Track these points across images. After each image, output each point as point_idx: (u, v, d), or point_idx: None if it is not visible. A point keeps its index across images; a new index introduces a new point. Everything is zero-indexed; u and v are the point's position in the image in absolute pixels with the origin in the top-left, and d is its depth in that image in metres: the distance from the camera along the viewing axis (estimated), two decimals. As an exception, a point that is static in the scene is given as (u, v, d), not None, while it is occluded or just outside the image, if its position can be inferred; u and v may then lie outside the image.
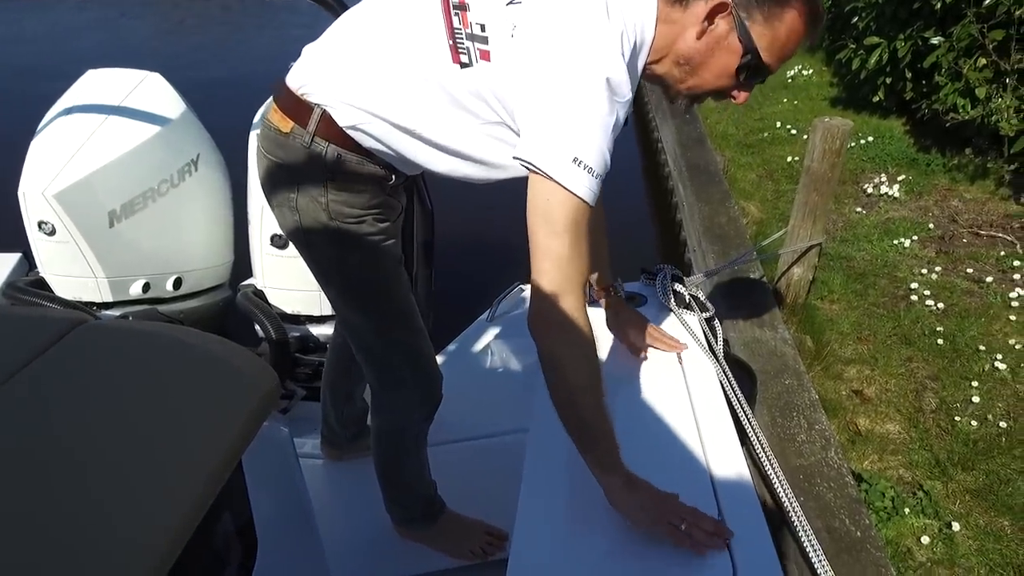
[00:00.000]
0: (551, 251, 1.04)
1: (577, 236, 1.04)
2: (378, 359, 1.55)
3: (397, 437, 1.65)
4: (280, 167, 1.31)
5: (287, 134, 1.27)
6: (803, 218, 3.09)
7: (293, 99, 1.26)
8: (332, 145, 1.26)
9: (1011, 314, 3.29)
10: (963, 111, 4.42)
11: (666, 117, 5.56)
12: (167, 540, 0.69)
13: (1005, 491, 2.39)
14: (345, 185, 1.30)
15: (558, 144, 1.01)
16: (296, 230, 1.37)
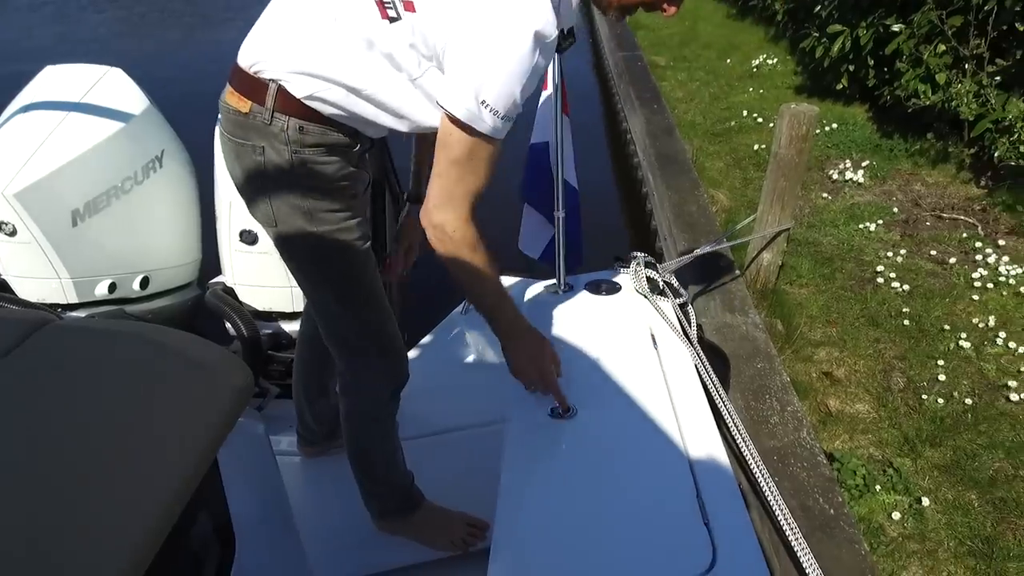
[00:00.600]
0: (443, 173, 1.22)
1: (471, 162, 1.20)
2: (345, 337, 1.56)
3: (366, 417, 1.65)
4: (244, 147, 1.32)
5: (247, 114, 1.28)
6: (771, 204, 3.13)
7: (247, 78, 1.28)
8: (292, 118, 1.28)
9: (974, 294, 3.37)
10: (924, 97, 4.51)
11: (635, 108, 5.59)
12: (141, 541, 0.68)
13: (972, 465, 2.45)
14: (311, 157, 1.32)
15: (470, 84, 1.13)
16: (264, 208, 1.38)
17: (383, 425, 1.67)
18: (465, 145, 1.18)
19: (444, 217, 1.25)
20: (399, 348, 1.61)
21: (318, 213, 1.37)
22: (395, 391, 1.65)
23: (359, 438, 1.69)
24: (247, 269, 2.28)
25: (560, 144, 1.90)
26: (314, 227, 1.38)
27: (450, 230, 1.25)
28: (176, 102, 2.56)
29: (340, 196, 1.39)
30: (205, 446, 0.85)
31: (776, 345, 2.88)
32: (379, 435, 1.68)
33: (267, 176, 1.33)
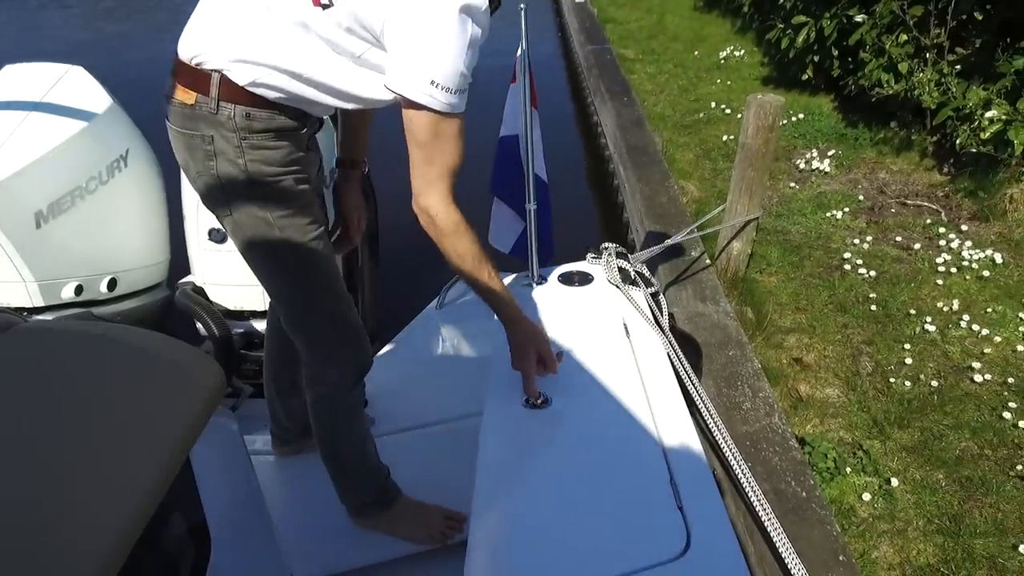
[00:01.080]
0: (416, 157, 1.27)
1: (437, 142, 1.24)
2: (304, 325, 1.56)
3: (332, 405, 1.65)
4: (193, 138, 1.33)
5: (193, 105, 1.29)
6: (740, 193, 3.17)
7: (189, 71, 1.29)
8: (238, 105, 1.29)
9: (938, 278, 3.44)
10: (887, 86, 4.59)
11: (605, 101, 5.61)
12: (114, 543, 0.67)
13: (939, 446, 2.51)
14: (260, 143, 1.33)
15: (417, 69, 1.17)
16: (218, 198, 1.39)
17: (350, 413, 1.67)
18: (428, 126, 1.22)
19: (427, 202, 1.30)
20: (359, 335, 1.62)
21: (269, 200, 1.38)
22: (357, 377, 1.65)
23: (326, 427, 1.69)
24: (217, 268, 2.26)
25: (529, 137, 1.91)
26: (267, 213, 1.39)
27: (434, 214, 1.30)
28: (140, 100, 2.50)
29: (292, 181, 1.40)
30: (177, 446, 0.84)
31: (747, 332, 2.92)
32: (346, 423, 1.68)
33: (218, 165, 1.34)
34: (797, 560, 1.42)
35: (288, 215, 1.41)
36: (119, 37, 9.08)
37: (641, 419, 1.34)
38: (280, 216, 1.40)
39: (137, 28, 9.57)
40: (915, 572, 2.09)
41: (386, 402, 2.28)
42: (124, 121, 2.40)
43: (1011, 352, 2.94)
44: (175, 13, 9.86)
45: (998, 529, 2.20)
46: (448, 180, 1.30)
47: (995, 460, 2.45)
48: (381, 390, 2.34)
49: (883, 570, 2.10)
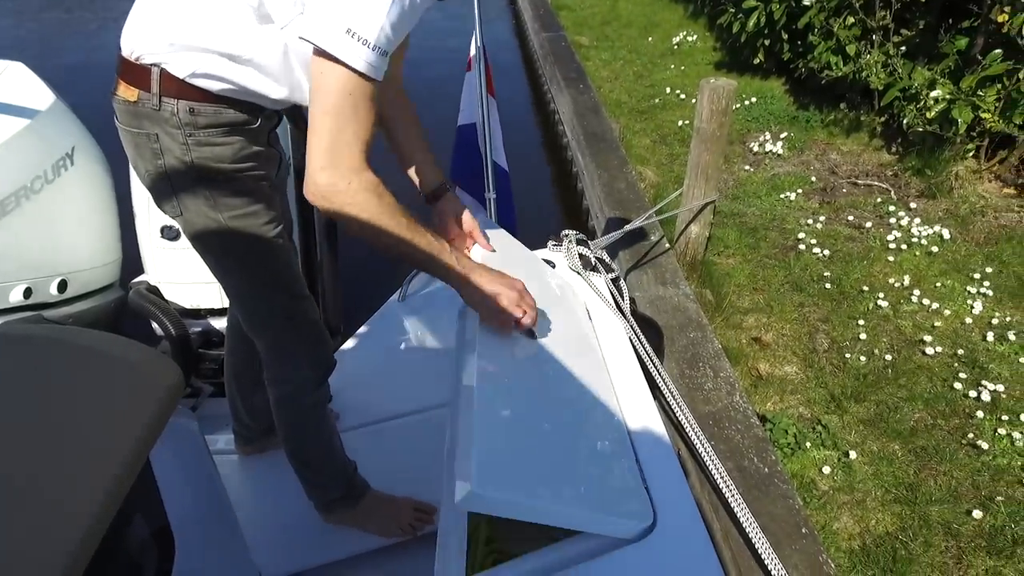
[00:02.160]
0: (319, 128, 1.06)
1: (352, 110, 1.06)
2: (263, 325, 1.53)
3: (294, 405, 1.63)
4: (139, 136, 1.29)
5: (136, 102, 1.25)
6: (696, 177, 3.20)
7: (130, 66, 1.25)
8: (181, 100, 1.24)
9: (889, 255, 3.54)
10: (836, 68, 4.68)
11: (561, 88, 5.62)
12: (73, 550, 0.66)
13: (894, 418, 2.59)
14: (207, 139, 1.28)
15: (333, 15, 1.01)
16: (168, 197, 1.34)
17: (313, 412, 1.65)
18: (339, 86, 1.04)
19: (330, 177, 1.08)
20: (320, 335, 1.59)
21: (220, 198, 1.33)
22: (321, 377, 1.63)
23: (291, 427, 1.67)
24: (171, 266, 2.21)
25: (487, 125, 1.90)
26: (217, 213, 1.34)
27: (342, 183, 1.08)
28: (86, 96, 2.43)
29: (244, 179, 1.35)
30: (135, 448, 0.82)
31: (707, 314, 2.96)
32: (311, 422, 1.66)
33: (166, 164, 1.29)
34: (761, 534, 1.45)
35: (242, 215, 1.36)
36: (60, 31, 8.78)
37: (606, 403, 1.35)
38: (233, 216, 1.35)
39: (80, 22, 9.27)
40: (875, 541, 2.15)
41: (351, 396, 2.26)
42: (69, 118, 2.32)
43: (960, 324, 3.04)
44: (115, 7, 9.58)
45: (952, 496, 2.28)
46: (359, 150, 1.10)
47: (947, 429, 2.53)
48: (346, 384, 2.32)
49: (844, 540, 2.16)
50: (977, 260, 3.46)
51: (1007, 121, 3.68)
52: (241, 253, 1.41)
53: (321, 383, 1.64)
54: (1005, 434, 2.47)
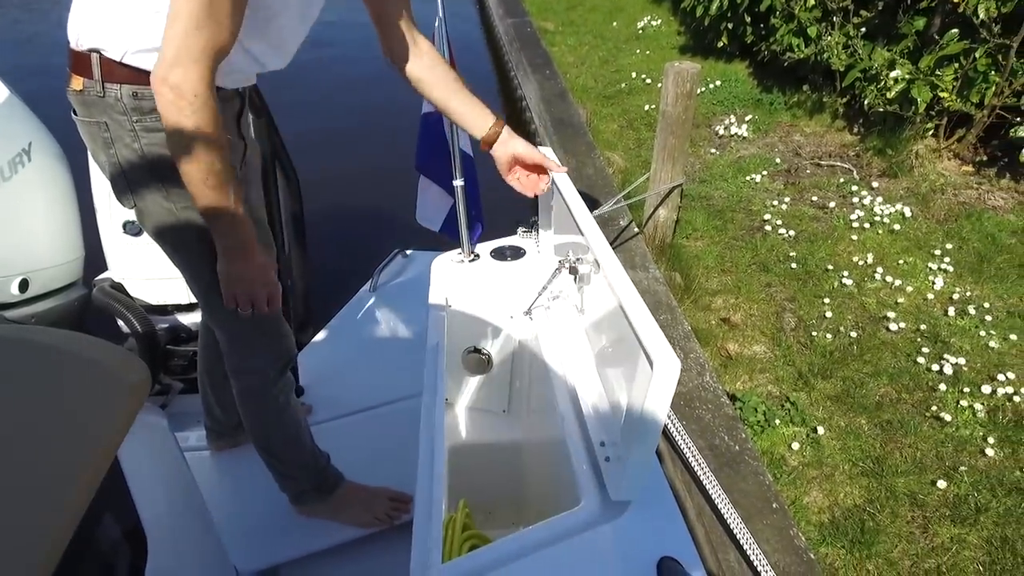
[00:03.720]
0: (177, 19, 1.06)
1: (212, 8, 1.05)
2: (222, 316, 1.50)
3: (256, 396, 1.62)
4: (91, 125, 1.27)
5: (82, 91, 1.24)
6: (663, 161, 3.23)
7: (73, 55, 1.24)
8: (124, 85, 1.22)
9: (852, 234, 3.60)
10: (798, 51, 4.74)
11: (528, 75, 5.60)
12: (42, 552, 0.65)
13: (860, 393, 2.65)
14: (154, 124, 1.24)
15: None
16: (122, 187, 1.32)
17: (276, 403, 1.63)
18: None
19: (182, 75, 1.07)
20: (280, 326, 1.58)
21: (172, 188, 1.29)
22: (282, 368, 1.62)
23: (255, 418, 1.65)
24: (135, 262, 2.17)
25: (453, 112, 1.89)
26: (171, 203, 1.31)
27: (188, 91, 1.08)
28: (42, 91, 2.37)
29: None
30: (102, 448, 0.81)
31: (676, 296, 2.99)
32: (274, 414, 1.64)
33: (117, 153, 1.28)
34: (733, 511, 1.48)
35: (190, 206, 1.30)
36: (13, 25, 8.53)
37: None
38: (185, 206, 1.31)
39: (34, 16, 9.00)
40: (843, 513, 2.20)
41: (324, 389, 2.25)
42: (24, 113, 2.26)
43: (922, 300, 3.11)
44: None
45: (917, 467, 2.34)
46: (213, 56, 1.10)
47: (912, 403, 2.60)
48: (318, 377, 2.30)
49: (814, 514, 2.21)
50: (938, 237, 3.53)
51: (965, 100, 3.75)
52: (192, 242, 1.37)
53: (282, 374, 1.62)
54: (967, 406, 2.54)
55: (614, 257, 1.14)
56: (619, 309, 1.04)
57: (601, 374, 1.33)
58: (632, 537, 1.03)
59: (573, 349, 1.43)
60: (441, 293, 1.68)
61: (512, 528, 1.39)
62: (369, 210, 3.84)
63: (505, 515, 1.63)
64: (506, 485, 1.69)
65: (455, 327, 1.66)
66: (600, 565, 1.00)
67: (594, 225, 1.26)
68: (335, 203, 3.76)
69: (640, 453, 1.01)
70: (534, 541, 1.02)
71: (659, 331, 0.92)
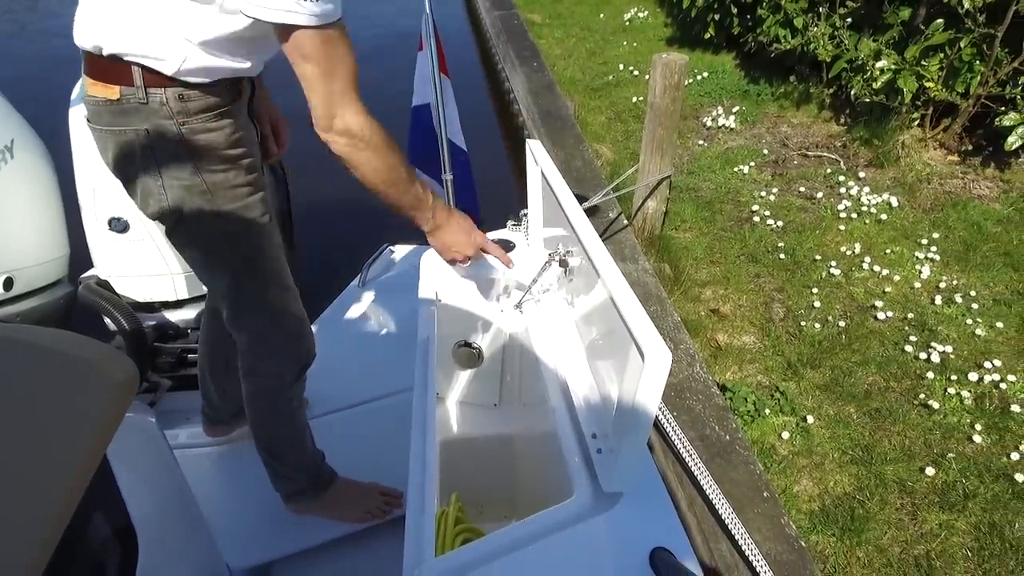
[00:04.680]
0: (312, 78, 1.14)
1: (330, 54, 1.13)
2: (249, 319, 1.50)
3: (271, 399, 1.61)
4: (125, 134, 1.23)
5: (119, 100, 1.20)
6: (651, 153, 3.23)
7: (103, 64, 1.19)
8: (169, 88, 1.20)
9: (840, 224, 3.62)
10: (785, 41, 4.74)
11: (515, 67, 5.59)
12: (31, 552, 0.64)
13: (848, 382, 2.66)
14: (201, 125, 1.25)
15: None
16: (158, 196, 1.29)
17: (289, 406, 1.63)
18: (313, 41, 1.11)
19: (346, 120, 1.17)
20: (304, 327, 1.57)
21: (219, 190, 1.29)
22: (300, 371, 1.61)
23: (265, 421, 1.64)
24: (121, 259, 2.15)
25: (442, 105, 1.88)
26: (216, 206, 1.30)
27: (357, 130, 1.18)
28: (22, 87, 2.34)
29: (238, 167, 1.32)
30: (90, 446, 0.80)
31: (666, 288, 3.00)
32: (286, 417, 1.64)
33: (157, 159, 1.24)
34: (724, 500, 1.49)
35: (240, 207, 1.33)
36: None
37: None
38: (232, 204, 1.32)
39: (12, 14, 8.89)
40: (833, 501, 2.22)
41: (313, 384, 2.23)
42: (5, 109, 2.23)
43: (909, 289, 3.14)
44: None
45: (906, 455, 2.36)
46: (356, 90, 1.18)
47: (900, 391, 2.62)
48: (309, 372, 2.29)
49: (804, 502, 2.23)
50: (924, 226, 3.56)
51: (950, 90, 3.77)
52: (235, 247, 1.37)
53: (298, 377, 1.62)
54: (954, 393, 2.56)
55: (604, 249, 1.14)
56: (609, 301, 1.04)
57: (592, 366, 1.33)
58: (624, 528, 1.03)
59: (564, 342, 1.43)
60: (431, 287, 1.67)
61: (505, 521, 1.39)
62: (357, 205, 3.81)
63: (498, 508, 1.63)
64: (498, 478, 1.69)
65: (445, 321, 1.66)
66: (593, 557, 1.00)
67: (584, 217, 1.26)
68: (323, 198, 3.74)
69: (632, 444, 1.01)
70: (527, 534, 1.02)
71: (650, 323, 0.92)
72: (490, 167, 5.07)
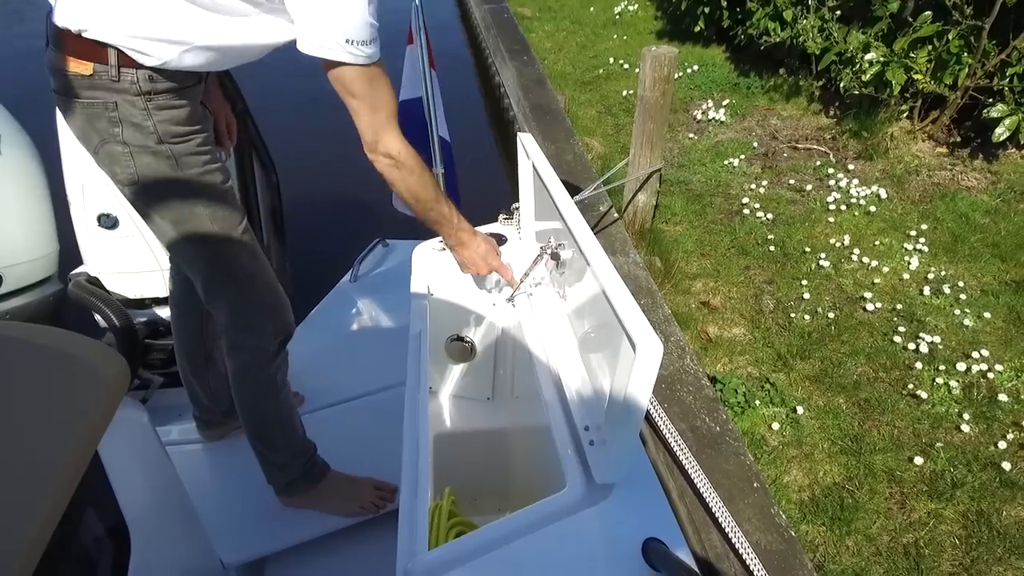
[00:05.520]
0: (359, 109, 1.32)
1: (373, 90, 1.31)
2: (223, 290, 1.53)
3: (254, 374, 1.61)
4: (94, 106, 1.29)
5: (91, 75, 1.26)
6: (642, 146, 3.23)
7: (81, 42, 1.24)
8: (141, 70, 1.27)
9: (829, 216, 3.64)
10: (774, 34, 4.75)
11: (505, 61, 5.58)
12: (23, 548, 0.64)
13: (838, 372, 2.68)
14: (166, 102, 1.32)
15: (329, 33, 1.22)
16: (126, 165, 1.35)
17: (273, 381, 1.63)
18: (360, 79, 1.28)
19: (388, 146, 1.35)
20: (280, 298, 1.60)
21: (182, 157, 1.37)
22: (281, 344, 1.63)
23: (251, 399, 1.64)
24: (111, 255, 2.14)
25: (433, 99, 1.88)
26: (180, 172, 1.37)
27: (396, 154, 1.36)
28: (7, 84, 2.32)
29: (198, 138, 1.39)
30: (82, 442, 0.80)
31: (656, 281, 3.01)
32: (271, 393, 1.64)
33: (123, 130, 1.31)
34: (714, 491, 1.50)
35: (201, 173, 1.39)
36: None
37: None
38: (196, 174, 1.39)
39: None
40: (823, 491, 2.24)
41: (306, 380, 2.24)
42: None
43: (898, 280, 3.16)
44: (37, -14, 9.08)
45: (895, 444, 2.38)
46: (396, 120, 1.36)
47: (889, 381, 2.64)
48: (301, 368, 2.29)
49: (794, 492, 2.24)
50: (913, 218, 3.58)
51: (938, 81, 3.79)
52: (202, 214, 1.43)
53: (280, 349, 1.63)
54: (943, 383, 2.58)
55: (596, 242, 1.14)
56: (601, 294, 1.05)
57: (584, 359, 1.33)
58: (617, 519, 1.04)
59: (556, 335, 1.44)
60: (423, 282, 1.67)
61: (498, 514, 1.40)
62: (348, 200, 3.82)
63: (491, 501, 1.64)
64: (491, 472, 1.70)
65: (437, 315, 1.66)
66: (586, 547, 1.01)
67: (575, 211, 1.26)
68: (314, 193, 3.73)
69: (624, 436, 1.02)
70: (520, 526, 1.02)
71: (641, 314, 0.93)
72: (481, 161, 5.07)
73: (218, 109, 1.69)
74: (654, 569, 0.94)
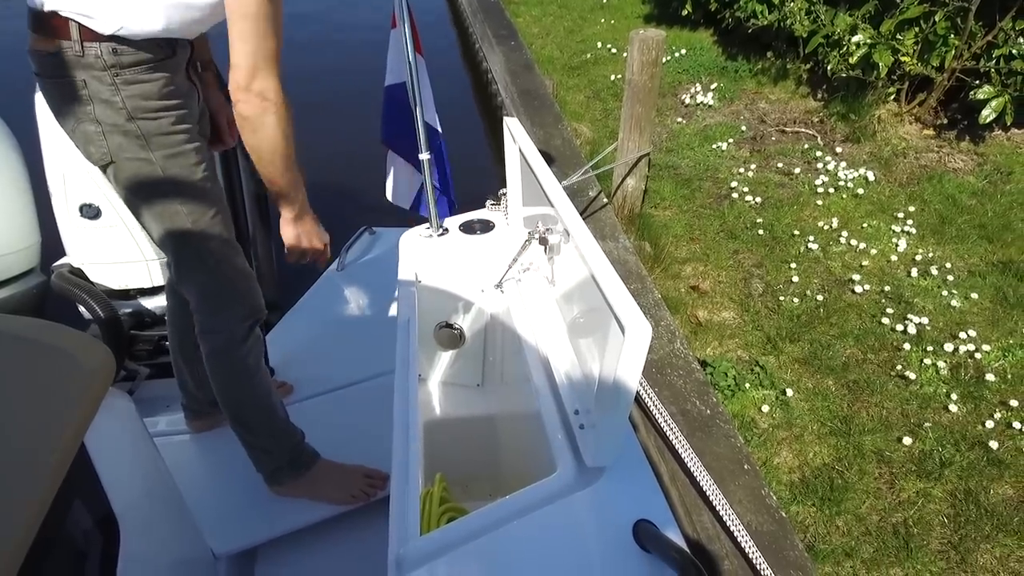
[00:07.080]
0: (247, 33, 1.21)
1: (270, 20, 1.21)
2: (194, 273, 1.52)
3: (226, 357, 1.60)
4: (65, 85, 1.29)
5: (56, 52, 1.26)
6: (630, 130, 3.22)
7: (43, 18, 1.25)
8: (103, 43, 1.26)
9: (817, 199, 3.64)
10: (761, 17, 4.74)
11: (492, 46, 5.54)
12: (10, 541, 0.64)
13: (827, 355, 2.70)
14: (134, 76, 1.31)
15: None
16: (99, 144, 1.35)
17: (245, 364, 1.62)
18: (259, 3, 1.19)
19: (264, 83, 1.24)
20: (250, 279, 1.59)
21: (152, 136, 1.35)
22: (252, 325, 1.61)
23: (224, 382, 1.64)
24: (94, 246, 2.12)
25: (417, 85, 1.86)
26: (150, 153, 1.36)
27: (272, 95, 1.26)
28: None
29: (174, 118, 1.38)
30: (68, 434, 0.79)
31: (646, 266, 3.01)
32: (244, 376, 1.63)
33: (95, 108, 1.31)
34: (706, 473, 1.51)
35: (173, 154, 1.38)
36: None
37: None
38: (166, 154, 1.37)
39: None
40: (813, 472, 2.25)
41: (295, 369, 2.23)
42: None
43: (886, 262, 3.17)
44: (15, -27, 8.92)
45: (884, 425, 2.40)
46: (278, 61, 1.26)
47: (877, 363, 2.65)
48: (288, 357, 2.28)
49: (784, 474, 2.26)
50: (900, 200, 3.59)
51: (925, 63, 3.80)
52: (172, 195, 1.42)
53: (250, 332, 1.61)
54: (931, 364, 2.60)
55: (584, 226, 1.14)
56: (590, 277, 1.04)
57: (573, 343, 1.33)
58: (608, 502, 1.04)
59: (545, 320, 1.43)
60: (410, 269, 1.66)
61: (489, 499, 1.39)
62: (335, 187, 3.79)
63: (482, 487, 1.64)
64: (482, 457, 1.70)
65: (426, 303, 1.65)
66: (577, 530, 1.01)
67: (563, 195, 1.25)
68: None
69: (614, 419, 1.02)
70: (511, 510, 1.02)
71: (630, 297, 0.92)
72: (468, 147, 5.04)
73: (220, 108, 1.67)
74: (645, 550, 0.94)
